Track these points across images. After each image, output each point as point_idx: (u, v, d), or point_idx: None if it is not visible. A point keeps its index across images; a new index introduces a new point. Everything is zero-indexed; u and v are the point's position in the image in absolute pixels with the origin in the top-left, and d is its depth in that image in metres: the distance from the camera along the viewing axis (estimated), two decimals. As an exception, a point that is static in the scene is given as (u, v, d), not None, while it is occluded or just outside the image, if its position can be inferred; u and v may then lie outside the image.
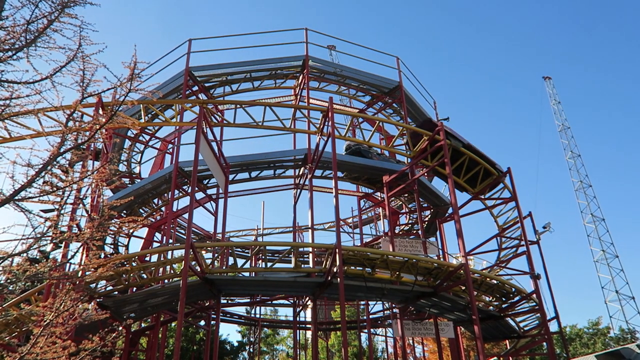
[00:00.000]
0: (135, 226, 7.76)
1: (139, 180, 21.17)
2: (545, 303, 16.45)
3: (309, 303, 22.88)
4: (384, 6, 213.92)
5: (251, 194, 23.07)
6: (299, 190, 20.60)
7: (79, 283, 9.87)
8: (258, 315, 28.69)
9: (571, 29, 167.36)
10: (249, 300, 23.09)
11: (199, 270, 12.90)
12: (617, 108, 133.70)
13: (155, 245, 20.09)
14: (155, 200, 19.91)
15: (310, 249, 18.03)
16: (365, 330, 26.05)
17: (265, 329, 39.15)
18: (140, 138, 20.78)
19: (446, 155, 15.10)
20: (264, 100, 20.83)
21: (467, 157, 16.53)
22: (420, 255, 14.33)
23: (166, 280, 15.33)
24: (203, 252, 15.74)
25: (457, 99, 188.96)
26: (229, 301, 22.46)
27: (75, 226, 11.80)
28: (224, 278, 14.40)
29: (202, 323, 25.20)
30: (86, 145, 6.01)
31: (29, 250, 5.90)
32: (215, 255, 15.65)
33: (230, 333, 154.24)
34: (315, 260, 19.18)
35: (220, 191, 17.94)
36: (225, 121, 18.17)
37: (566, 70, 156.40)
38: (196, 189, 14.60)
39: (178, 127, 18.77)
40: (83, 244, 6.73)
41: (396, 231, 20.72)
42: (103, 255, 17.51)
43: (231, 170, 17.92)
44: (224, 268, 14.85)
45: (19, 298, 13.05)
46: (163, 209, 20.38)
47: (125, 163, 21.90)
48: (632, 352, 16.80)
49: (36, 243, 5.92)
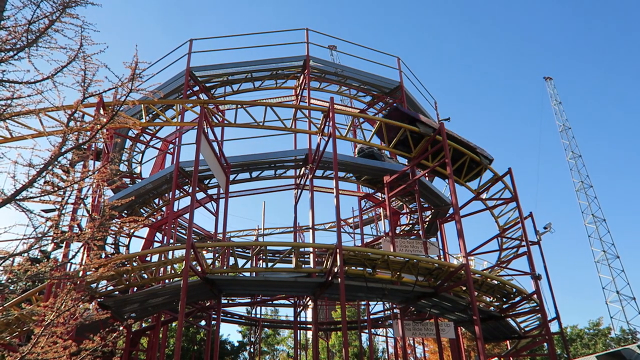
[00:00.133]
0: (136, 226, 7.75)
1: (139, 180, 21.20)
2: (546, 303, 16.46)
3: (309, 303, 22.91)
4: (385, 6, 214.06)
5: (252, 194, 23.08)
6: (299, 191, 20.59)
7: (79, 283, 9.87)
8: (259, 316, 28.69)
9: (573, 28, 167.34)
10: (249, 300, 23.11)
11: (200, 270, 12.90)
12: (619, 108, 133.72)
13: (156, 245, 20.10)
14: (156, 200, 19.92)
15: (311, 249, 18.05)
16: (366, 331, 26.08)
17: (266, 329, 39.15)
18: (141, 138, 20.82)
19: (447, 155, 15.08)
20: (264, 101, 20.82)
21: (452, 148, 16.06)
22: (421, 256, 14.33)
23: (167, 280, 15.33)
24: (204, 252, 15.75)
25: (458, 100, 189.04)
26: (230, 301, 22.47)
27: (76, 226, 11.82)
28: (224, 278, 14.40)
29: (203, 323, 25.19)
30: (87, 145, 6.00)
31: (30, 250, 5.90)
32: (216, 255, 15.65)
33: (230, 333, 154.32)
34: (316, 260, 19.18)
35: (221, 191, 17.94)
36: (226, 121, 18.18)
37: (568, 70, 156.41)
38: (197, 189, 14.61)
39: (179, 127, 18.79)
40: (84, 244, 6.73)
41: (397, 231, 20.70)
42: (104, 255, 17.52)
43: (232, 170, 17.93)
44: (224, 268, 14.85)
45: (20, 298, 13.05)
46: (164, 209, 20.39)
47: (126, 163, 21.93)
48: (633, 353, 16.73)
49: (37, 243, 5.92)
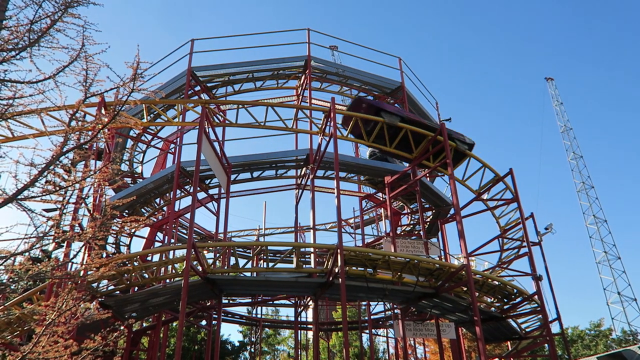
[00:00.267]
0: (137, 226, 7.75)
1: (141, 180, 21.22)
2: (547, 304, 16.41)
3: (310, 303, 22.87)
4: (386, 6, 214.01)
5: (253, 194, 23.06)
6: (300, 191, 20.59)
7: (80, 282, 9.89)
8: (259, 316, 28.69)
9: (574, 28, 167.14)
10: (250, 300, 23.09)
11: (201, 270, 12.91)
12: (620, 109, 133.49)
13: (157, 245, 20.12)
14: (157, 200, 19.94)
15: (311, 249, 18.04)
16: (367, 331, 26.04)
17: (267, 329, 39.12)
18: (143, 138, 20.84)
19: (448, 155, 15.07)
20: (266, 101, 20.81)
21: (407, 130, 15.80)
22: (421, 256, 14.31)
23: (168, 280, 15.33)
24: (205, 252, 15.77)
25: (459, 100, 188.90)
26: (231, 301, 22.47)
27: (77, 225, 11.84)
28: (225, 278, 14.40)
29: (204, 323, 25.20)
30: (89, 144, 6.01)
31: (31, 249, 5.91)
32: (217, 255, 15.67)
33: (231, 333, 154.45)
34: (317, 260, 19.18)
35: (222, 191, 17.94)
36: (227, 121, 18.20)
37: (568, 71, 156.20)
38: (198, 188, 14.62)
39: (180, 127, 18.79)
40: (85, 244, 6.74)
41: (398, 232, 20.68)
42: (105, 255, 17.53)
43: (233, 170, 17.93)
44: (225, 268, 14.86)
45: (21, 297, 13.06)
46: (165, 208, 20.40)
47: (128, 163, 21.95)
48: (634, 354, 16.68)
49: (38, 242, 5.94)
